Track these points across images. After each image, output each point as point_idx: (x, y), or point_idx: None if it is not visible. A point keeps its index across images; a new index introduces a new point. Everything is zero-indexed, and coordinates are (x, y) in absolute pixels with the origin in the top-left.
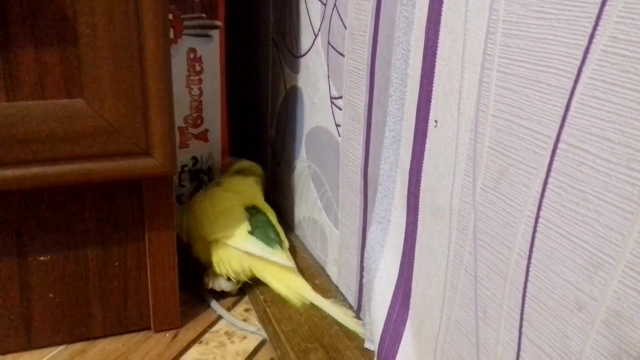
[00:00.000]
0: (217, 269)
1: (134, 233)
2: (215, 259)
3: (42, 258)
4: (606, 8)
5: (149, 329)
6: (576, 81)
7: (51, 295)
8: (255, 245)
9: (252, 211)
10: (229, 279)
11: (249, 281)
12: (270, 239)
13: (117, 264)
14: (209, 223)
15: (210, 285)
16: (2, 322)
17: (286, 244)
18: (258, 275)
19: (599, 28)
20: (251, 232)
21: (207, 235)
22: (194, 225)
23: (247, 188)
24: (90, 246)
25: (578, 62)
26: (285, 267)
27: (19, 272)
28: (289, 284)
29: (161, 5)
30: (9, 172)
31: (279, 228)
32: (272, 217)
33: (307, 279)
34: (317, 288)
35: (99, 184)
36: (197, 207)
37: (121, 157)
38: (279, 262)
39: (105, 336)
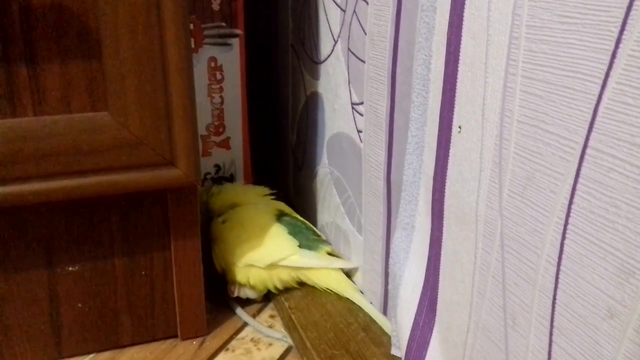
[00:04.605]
0: (265, 286)
1: (159, 242)
2: (264, 277)
3: (70, 269)
4: (632, 12)
5: (176, 336)
6: (603, 86)
7: (80, 305)
8: (310, 257)
9: (283, 219)
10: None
11: (274, 291)
12: (314, 243)
13: (143, 273)
14: (253, 250)
15: (236, 293)
16: (32, 332)
17: (324, 236)
18: (305, 280)
19: (625, 32)
20: (300, 245)
21: (257, 263)
22: (230, 254)
23: (260, 193)
24: (117, 256)
25: (605, 67)
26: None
27: (48, 282)
28: (334, 286)
29: (182, 16)
30: (37, 186)
31: (308, 223)
32: (297, 215)
33: None
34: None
35: (125, 194)
36: (227, 234)
37: (146, 168)
38: (339, 267)
39: (133, 344)
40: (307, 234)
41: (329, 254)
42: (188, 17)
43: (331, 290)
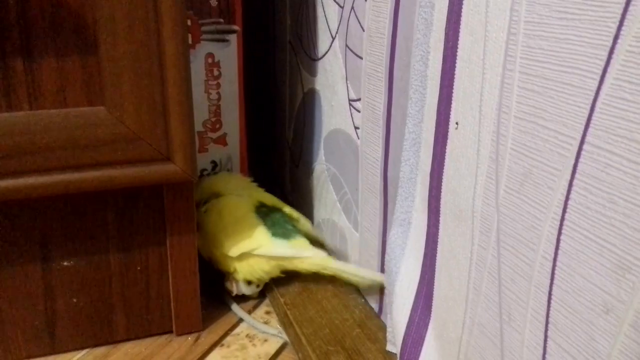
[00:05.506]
0: (251, 277)
1: (155, 238)
2: (246, 269)
3: (65, 264)
4: (630, 8)
5: (171, 332)
6: (601, 82)
7: (75, 300)
8: (282, 246)
9: (262, 210)
10: (249, 282)
11: (267, 281)
12: (289, 232)
13: (139, 268)
14: (228, 240)
15: (235, 291)
16: (26, 327)
17: (304, 222)
18: (290, 267)
19: (623, 28)
20: (274, 235)
21: (231, 253)
22: (211, 244)
23: (243, 184)
24: (113, 251)
25: (603, 63)
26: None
27: (43, 277)
28: (317, 265)
29: (180, 12)
30: (32, 180)
31: (289, 210)
32: (278, 203)
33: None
34: (338, 291)
35: (121, 190)
36: (207, 223)
37: (142, 164)
38: (307, 257)
39: (128, 340)
40: (283, 224)
41: (315, 242)
42: (185, 12)
43: (319, 273)
